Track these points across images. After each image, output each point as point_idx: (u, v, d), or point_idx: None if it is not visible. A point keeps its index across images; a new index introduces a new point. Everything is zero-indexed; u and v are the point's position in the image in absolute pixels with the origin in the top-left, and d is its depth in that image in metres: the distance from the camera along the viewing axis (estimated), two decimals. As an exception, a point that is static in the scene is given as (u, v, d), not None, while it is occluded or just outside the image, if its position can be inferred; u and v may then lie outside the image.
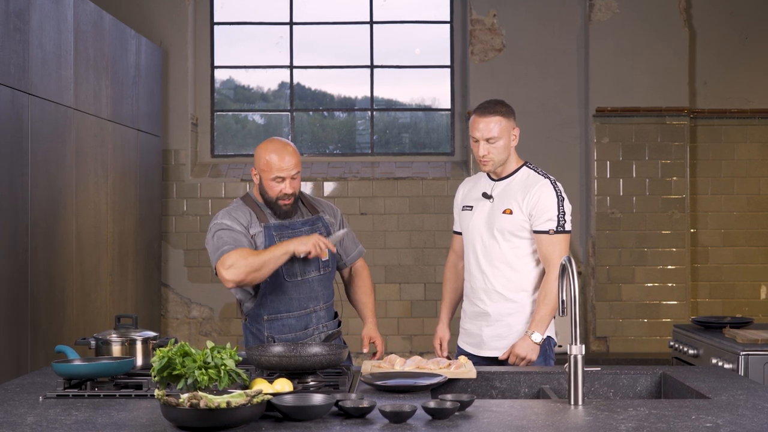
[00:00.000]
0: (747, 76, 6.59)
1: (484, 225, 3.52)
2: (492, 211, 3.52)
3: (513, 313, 3.51)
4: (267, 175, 3.38)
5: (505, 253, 3.49)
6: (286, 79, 6.99)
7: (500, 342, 3.52)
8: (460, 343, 3.68)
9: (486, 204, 3.54)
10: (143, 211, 5.91)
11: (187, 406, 2.16)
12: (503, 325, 3.51)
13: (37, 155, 4.30)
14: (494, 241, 3.50)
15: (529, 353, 3.40)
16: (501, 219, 3.48)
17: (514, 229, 3.47)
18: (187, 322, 6.66)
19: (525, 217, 3.46)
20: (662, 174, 6.47)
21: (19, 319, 4.11)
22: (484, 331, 3.54)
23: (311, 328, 3.48)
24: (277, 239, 3.39)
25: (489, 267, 3.52)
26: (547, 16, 6.61)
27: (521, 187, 3.49)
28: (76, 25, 4.78)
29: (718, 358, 3.91)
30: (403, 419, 2.30)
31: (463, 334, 3.67)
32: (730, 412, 2.44)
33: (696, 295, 6.58)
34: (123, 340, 2.91)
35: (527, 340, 3.40)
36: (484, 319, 3.55)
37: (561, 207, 3.45)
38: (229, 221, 3.38)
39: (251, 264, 3.22)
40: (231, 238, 3.31)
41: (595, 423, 2.31)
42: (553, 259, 3.40)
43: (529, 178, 3.51)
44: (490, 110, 3.46)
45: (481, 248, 3.53)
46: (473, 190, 3.63)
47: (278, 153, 3.37)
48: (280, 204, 3.41)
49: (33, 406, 2.52)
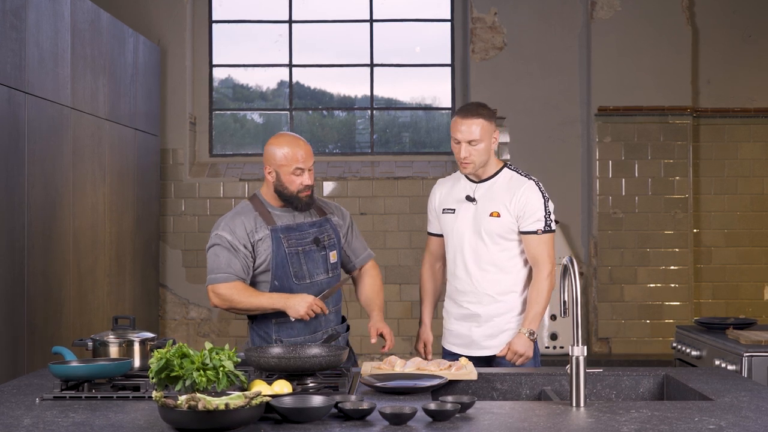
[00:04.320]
0: (750, 74, 6.57)
1: (471, 228, 3.55)
2: (477, 214, 3.55)
3: (503, 313, 3.55)
4: (286, 169, 3.37)
5: (493, 255, 3.53)
6: (285, 78, 6.96)
7: (492, 341, 3.56)
8: (446, 344, 3.69)
9: (469, 207, 3.57)
10: (141, 211, 5.88)
11: (185, 408, 2.16)
12: (493, 325, 3.56)
13: (33, 154, 4.28)
14: (482, 244, 3.53)
15: (527, 349, 3.46)
16: (488, 222, 3.52)
17: (502, 231, 3.52)
18: (185, 323, 6.64)
19: (513, 219, 3.51)
20: (665, 174, 6.45)
21: (16, 320, 4.09)
22: (473, 331, 3.58)
23: (320, 332, 3.46)
24: (285, 242, 3.39)
25: (477, 270, 3.55)
26: (548, 14, 6.58)
27: (506, 189, 3.53)
28: (73, 24, 4.76)
29: (722, 359, 3.89)
30: (403, 421, 2.29)
31: (448, 335, 3.68)
32: (734, 413, 2.43)
33: (699, 295, 6.56)
34: (120, 341, 2.90)
35: (523, 337, 3.46)
36: (473, 320, 3.58)
37: (547, 207, 3.52)
38: (228, 234, 3.38)
39: (238, 304, 3.36)
40: (225, 261, 3.36)
41: (597, 425, 2.30)
42: (542, 258, 3.49)
43: (512, 179, 3.56)
44: (472, 112, 3.50)
45: (468, 251, 3.56)
46: (453, 192, 3.65)
47: (293, 146, 3.40)
48: (301, 197, 3.41)
49: (30, 407, 2.51)
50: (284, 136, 3.47)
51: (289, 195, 3.41)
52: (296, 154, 3.38)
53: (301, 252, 3.42)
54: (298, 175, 3.38)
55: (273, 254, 3.39)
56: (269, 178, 3.44)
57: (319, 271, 3.45)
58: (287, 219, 3.46)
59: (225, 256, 3.36)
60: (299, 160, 3.37)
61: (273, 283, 3.41)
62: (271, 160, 3.41)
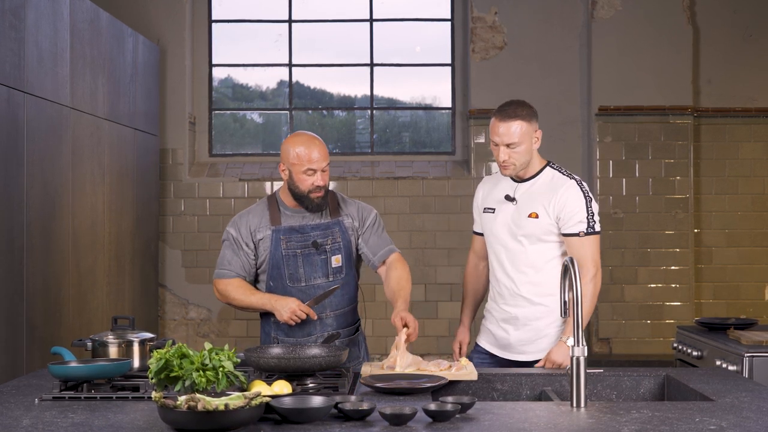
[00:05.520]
0: (751, 74, 6.56)
1: (508, 229, 3.45)
2: (516, 215, 3.43)
3: (541, 317, 3.44)
4: (298, 168, 3.38)
5: (530, 257, 3.42)
6: (285, 78, 6.96)
7: (528, 346, 3.46)
8: (482, 342, 3.61)
9: (509, 207, 3.46)
10: (140, 211, 5.88)
11: (184, 409, 2.16)
12: (531, 329, 3.45)
13: (32, 154, 4.27)
14: (519, 245, 3.43)
15: (565, 359, 3.29)
16: (526, 223, 3.40)
17: (540, 233, 3.39)
18: (185, 324, 6.63)
19: (552, 220, 3.38)
20: (665, 173, 6.44)
21: (15, 320, 4.08)
22: (512, 334, 3.48)
23: (314, 336, 3.46)
24: (283, 243, 3.42)
25: (514, 271, 3.45)
26: (549, 14, 6.57)
27: (546, 189, 3.41)
28: (73, 23, 4.75)
29: (722, 359, 3.88)
30: (403, 422, 2.28)
31: (486, 333, 3.60)
32: (735, 414, 2.43)
33: (700, 296, 6.55)
34: (120, 341, 2.90)
35: (563, 346, 3.30)
36: (512, 323, 3.48)
37: (590, 207, 3.38)
38: (234, 231, 3.49)
39: (233, 301, 3.48)
40: (228, 257, 3.49)
41: (597, 426, 2.30)
42: (586, 261, 3.32)
43: (553, 179, 3.43)
44: (510, 114, 3.36)
45: (505, 252, 3.46)
46: (494, 191, 3.55)
47: (307, 145, 3.39)
48: (312, 197, 3.41)
49: (29, 408, 2.51)
50: (301, 136, 3.46)
51: (300, 194, 3.42)
52: (310, 155, 3.37)
53: (299, 254, 3.43)
54: (309, 175, 3.38)
55: (270, 255, 3.43)
56: (283, 175, 3.46)
57: (317, 275, 3.45)
58: (294, 220, 3.46)
59: (228, 253, 3.48)
60: (312, 161, 3.37)
61: (268, 283, 3.46)
62: (285, 158, 3.43)
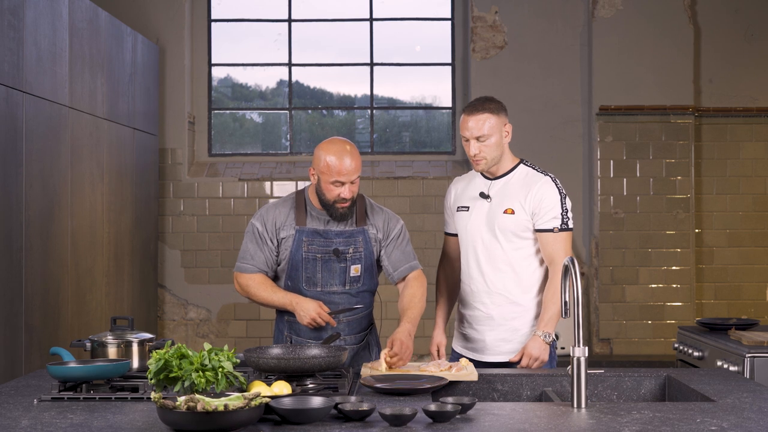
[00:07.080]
0: (753, 73, 6.56)
1: (484, 226, 3.45)
2: (491, 211, 3.45)
3: (517, 317, 3.45)
4: (326, 178, 3.30)
5: (507, 254, 3.43)
6: (284, 77, 6.95)
7: (506, 346, 3.46)
8: (457, 347, 3.60)
9: (484, 204, 3.47)
10: (139, 211, 5.87)
11: (184, 409, 2.16)
12: (508, 329, 3.45)
13: (31, 154, 4.26)
14: (496, 242, 3.43)
15: (542, 353, 3.32)
16: (502, 219, 3.41)
17: (516, 229, 3.41)
18: (184, 324, 6.62)
19: (528, 216, 3.40)
20: (666, 173, 6.43)
21: (13, 320, 4.07)
22: (487, 335, 3.47)
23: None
24: (305, 245, 3.37)
25: (491, 269, 3.45)
26: (549, 13, 6.57)
27: (521, 185, 3.43)
28: (71, 22, 4.74)
29: (724, 360, 3.88)
30: (403, 422, 2.28)
31: (460, 338, 3.59)
32: (736, 415, 2.43)
33: (701, 296, 6.54)
34: (119, 342, 2.90)
35: (538, 340, 3.33)
36: (486, 323, 3.48)
37: (564, 204, 3.41)
38: (260, 225, 3.42)
39: (253, 296, 3.43)
40: (251, 251, 3.42)
41: (598, 426, 2.30)
42: (559, 258, 3.35)
43: (528, 176, 3.45)
44: (478, 108, 3.39)
45: (482, 250, 3.46)
46: (467, 190, 3.56)
47: (338, 156, 3.28)
48: (337, 207, 3.35)
49: (27, 409, 2.51)
50: (335, 144, 3.34)
51: (325, 202, 3.35)
52: (340, 167, 3.27)
53: (319, 259, 3.38)
54: (337, 187, 3.30)
55: (291, 255, 3.38)
56: (312, 179, 3.40)
57: (334, 282, 3.40)
58: (319, 222, 3.41)
59: (252, 247, 3.42)
60: (342, 173, 3.27)
61: (286, 282, 3.43)
62: (316, 163, 3.35)
